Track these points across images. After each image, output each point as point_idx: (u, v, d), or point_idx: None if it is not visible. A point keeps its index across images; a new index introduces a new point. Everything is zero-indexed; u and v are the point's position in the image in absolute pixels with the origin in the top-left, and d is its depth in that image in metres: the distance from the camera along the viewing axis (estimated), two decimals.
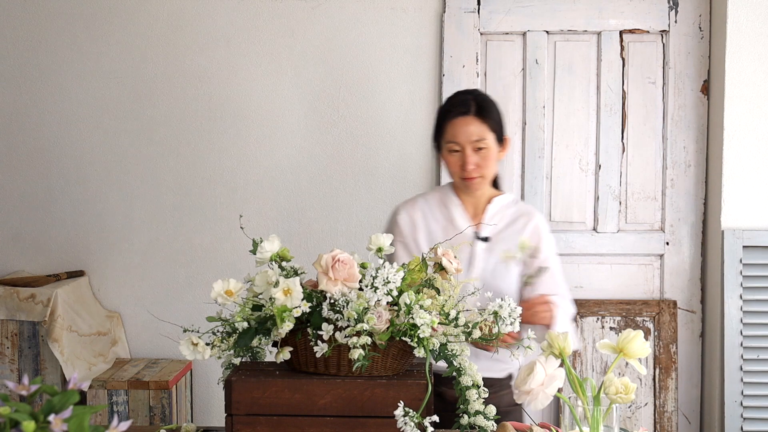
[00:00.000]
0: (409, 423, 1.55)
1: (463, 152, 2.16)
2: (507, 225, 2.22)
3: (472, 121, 2.15)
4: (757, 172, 2.94)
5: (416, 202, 2.29)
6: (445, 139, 2.19)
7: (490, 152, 2.17)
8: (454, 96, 2.26)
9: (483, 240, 2.20)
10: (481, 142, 2.15)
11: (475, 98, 2.20)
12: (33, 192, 3.18)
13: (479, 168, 2.16)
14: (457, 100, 2.22)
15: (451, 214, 2.24)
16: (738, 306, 2.92)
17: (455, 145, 2.16)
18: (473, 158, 2.15)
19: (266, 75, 3.13)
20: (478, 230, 2.21)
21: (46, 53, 3.13)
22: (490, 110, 2.19)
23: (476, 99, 2.20)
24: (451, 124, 2.17)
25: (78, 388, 1.17)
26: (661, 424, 3.07)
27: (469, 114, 2.16)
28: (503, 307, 1.69)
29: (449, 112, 2.19)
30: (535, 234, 2.21)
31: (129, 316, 3.20)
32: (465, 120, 2.15)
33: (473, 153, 2.15)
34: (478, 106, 2.17)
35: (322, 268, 1.68)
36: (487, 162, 2.17)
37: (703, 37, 3.05)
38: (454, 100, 2.23)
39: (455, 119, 2.17)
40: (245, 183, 3.15)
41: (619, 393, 1.51)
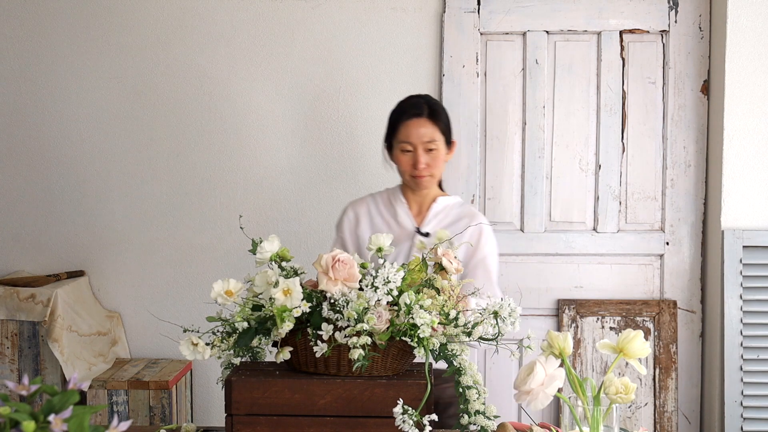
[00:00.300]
0: (408, 421, 1.55)
1: (415, 152, 2.30)
2: (449, 224, 2.34)
3: (424, 122, 2.31)
4: (757, 172, 2.94)
5: (364, 200, 2.45)
6: (398, 139, 2.33)
7: (439, 153, 2.32)
8: (407, 99, 2.41)
9: (423, 235, 2.32)
10: (432, 143, 2.31)
11: (427, 102, 2.36)
12: (33, 192, 3.18)
13: (429, 167, 2.31)
14: (410, 103, 2.37)
15: (396, 211, 2.39)
16: (738, 306, 2.92)
17: (408, 145, 2.31)
18: (424, 158, 2.30)
19: (266, 75, 3.13)
20: (419, 226, 2.35)
21: (46, 53, 3.13)
22: (441, 114, 2.35)
23: (428, 103, 2.35)
24: (405, 125, 2.32)
25: (78, 388, 1.17)
26: (661, 424, 3.07)
27: (422, 116, 2.31)
28: (503, 307, 1.70)
29: (403, 113, 2.34)
30: (475, 233, 2.31)
31: (129, 316, 3.20)
32: (418, 122, 2.31)
33: (424, 153, 2.30)
34: (430, 110, 2.33)
35: (322, 268, 1.68)
36: (436, 162, 2.32)
37: (703, 37, 3.05)
38: (408, 103, 2.38)
39: (409, 120, 2.31)
40: (245, 183, 3.15)
41: (619, 393, 1.51)
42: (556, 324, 3.11)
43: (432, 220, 2.36)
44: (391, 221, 2.37)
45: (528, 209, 3.11)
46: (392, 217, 2.38)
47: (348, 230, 2.41)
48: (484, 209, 3.11)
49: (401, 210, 2.39)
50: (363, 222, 2.40)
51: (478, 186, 3.10)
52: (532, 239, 3.11)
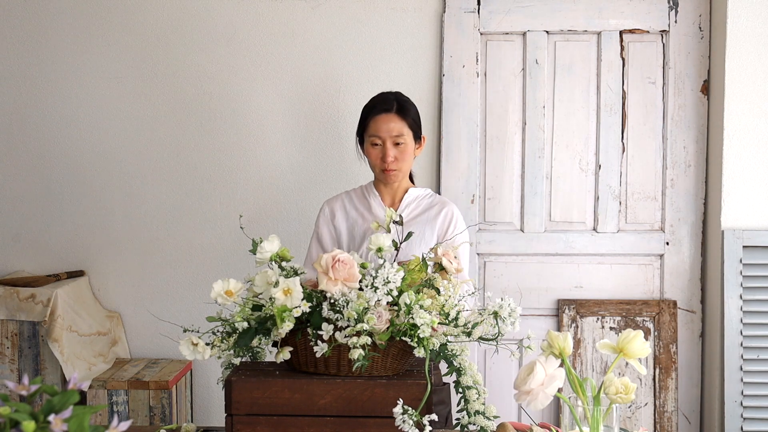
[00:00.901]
0: (408, 421, 1.55)
1: (384, 146, 2.40)
2: (421, 212, 2.46)
3: (393, 118, 2.40)
4: (757, 172, 2.94)
5: (339, 197, 2.55)
6: (368, 133, 2.43)
7: (407, 148, 2.41)
8: (377, 95, 2.50)
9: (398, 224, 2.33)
10: (400, 137, 2.39)
11: (396, 98, 2.44)
12: (33, 192, 3.18)
13: (397, 161, 2.40)
14: (380, 98, 2.47)
15: (370, 204, 2.49)
16: (738, 306, 2.92)
17: (377, 139, 2.40)
18: (392, 152, 2.39)
19: (266, 75, 3.13)
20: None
21: (46, 53, 3.13)
22: (409, 110, 2.43)
23: (398, 99, 2.44)
24: (374, 120, 2.41)
25: (78, 388, 1.17)
26: (661, 424, 3.07)
27: (391, 111, 2.40)
28: (503, 307, 1.70)
29: (373, 108, 2.43)
30: (446, 219, 2.44)
31: (129, 316, 3.20)
32: (387, 117, 2.40)
33: (392, 147, 2.39)
34: (399, 105, 2.42)
35: (322, 268, 1.68)
36: (404, 156, 2.41)
37: (703, 37, 3.05)
38: (378, 98, 2.47)
39: (378, 116, 2.41)
40: (245, 183, 3.15)
41: (619, 393, 1.51)
42: (556, 324, 3.11)
43: (404, 210, 2.46)
44: (365, 213, 2.47)
45: (528, 209, 3.11)
46: (366, 210, 2.47)
47: (324, 224, 2.50)
48: (484, 209, 3.11)
49: (375, 202, 2.48)
50: (338, 215, 2.49)
51: (478, 186, 3.10)
52: (532, 239, 3.11)
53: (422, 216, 2.45)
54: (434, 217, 2.45)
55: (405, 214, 2.44)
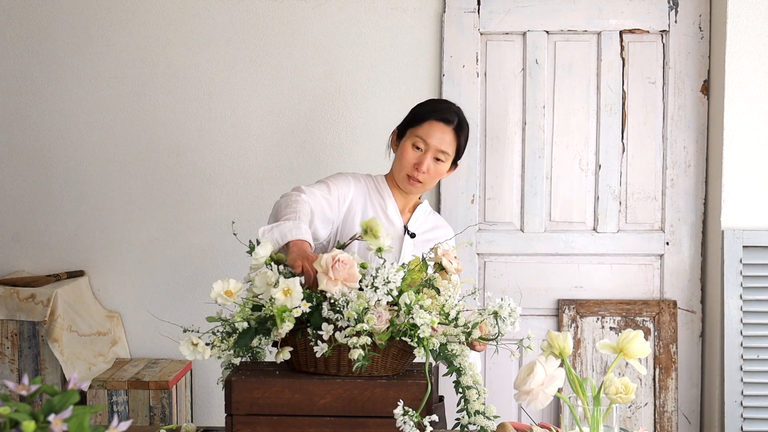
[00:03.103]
0: (409, 422, 1.55)
1: (425, 153, 2.24)
2: (429, 229, 2.35)
3: (449, 132, 2.26)
4: (757, 172, 2.95)
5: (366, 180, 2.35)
6: (416, 132, 2.26)
7: (443, 167, 2.28)
8: (443, 101, 2.37)
9: (411, 236, 2.30)
10: (444, 155, 2.25)
11: (458, 114, 2.30)
12: (33, 192, 3.18)
13: (428, 175, 2.26)
14: (445, 106, 2.32)
15: (385, 204, 2.33)
16: (738, 306, 2.92)
17: (422, 143, 2.25)
18: (429, 163, 2.24)
19: (266, 75, 3.13)
20: (407, 225, 2.33)
21: (46, 53, 3.13)
22: (465, 132, 2.31)
23: (459, 116, 2.30)
24: (431, 124, 2.25)
25: (78, 388, 1.17)
26: (661, 424, 3.07)
27: (451, 125, 2.26)
28: (503, 307, 1.70)
29: (435, 112, 2.28)
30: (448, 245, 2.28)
31: (129, 316, 3.20)
32: (444, 128, 2.25)
33: (432, 159, 2.25)
34: (459, 123, 2.28)
35: (322, 268, 1.68)
36: (436, 174, 2.28)
37: (703, 37, 3.05)
38: (443, 105, 2.33)
39: (437, 122, 2.25)
40: (245, 183, 3.15)
41: (619, 393, 1.51)
42: (556, 324, 3.11)
43: (414, 222, 2.34)
44: (380, 213, 2.30)
45: (528, 209, 3.11)
46: (381, 209, 2.31)
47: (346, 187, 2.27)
48: (484, 209, 3.11)
49: (390, 205, 2.33)
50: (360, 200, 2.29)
51: (478, 186, 3.10)
52: (532, 239, 3.11)
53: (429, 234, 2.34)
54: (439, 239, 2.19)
55: (417, 226, 2.34)
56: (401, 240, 2.29)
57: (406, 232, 2.30)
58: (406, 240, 2.28)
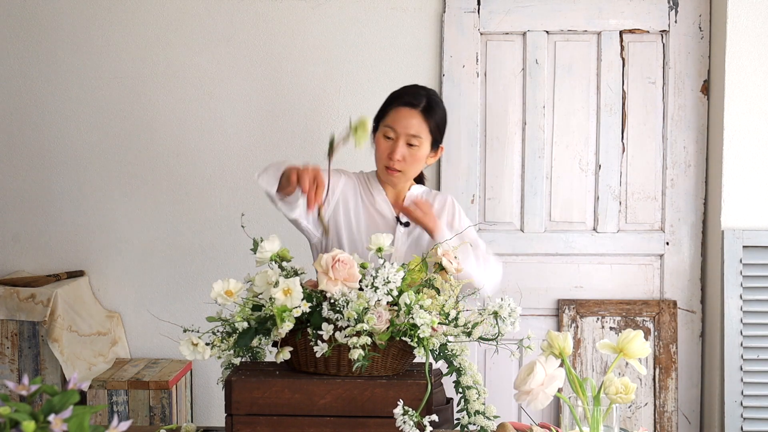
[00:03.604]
0: (408, 422, 1.55)
1: (396, 141, 2.18)
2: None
3: (416, 115, 2.17)
4: (757, 172, 2.95)
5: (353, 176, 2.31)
6: (384, 122, 2.21)
7: (419, 151, 2.19)
8: (410, 86, 2.29)
9: (404, 225, 2.25)
10: (415, 139, 2.17)
11: (427, 95, 2.22)
12: (33, 192, 3.18)
13: (403, 162, 2.18)
14: (410, 90, 2.25)
15: (374, 198, 2.27)
16: (738, 306, 2.92)
17: (391, 131, 2.19)
18: (402, 150, 2.17)
19: (266, 75, 3.13)
20: (399, 216, 2.25)
21: (46, 53, 3.13)
22: (436, 112, 2.21)
23: (428, 97, 2.22)
24: (395, 111, 2.19)
25: (78, 388, 1.17)
26: (661, 424, 3.07)
27: (417, 108, 2.18)
28: (503, 307, 1.70)
29: (399, 98, 2.22)
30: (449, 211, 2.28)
31: (129, 316, 3.20)
32: (410, 112, 2.18)
33: (404, 146, 2.17)
34: (428, 105, 2.19)
35: (322, 268, 1.68)
36: (414, 160, 2.19)
37: (703, 37, 3.05)
38: (409, 89, 2.26)
39: (401, 108, 2.19)
40: (245, 183, 3.15)
41: (619, 393, 1.51)
42: (556, 324, 3.11)
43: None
44: (369, 208, 2.26)
45: (528, 209, 3.11)
46: (370, 203, 2.27)
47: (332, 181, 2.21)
48: (484, 209, 3.11)
49: (379, 197, 2.27)
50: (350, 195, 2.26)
51: (478, 186, 3.10)
52: (532, 239, 3.11)
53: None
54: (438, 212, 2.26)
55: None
56: (394, 230, 2.24)
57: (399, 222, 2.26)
58: (398, 230, 2.24)
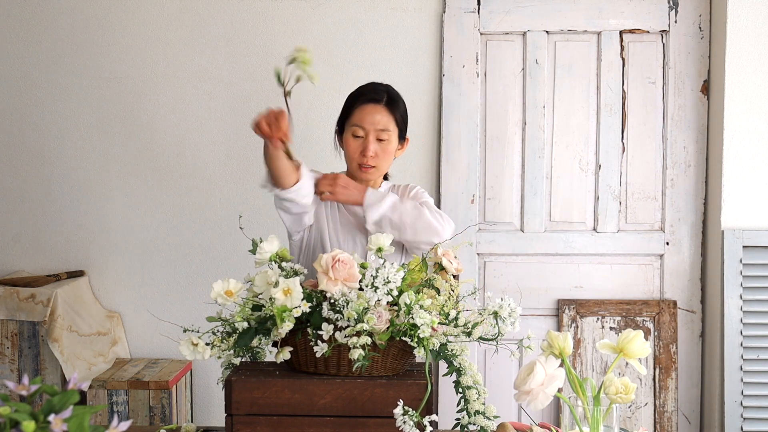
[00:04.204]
0: (409, 422, 1.55)
1: (366, 138, 2.21)
2: None
3: (381, 110, 2.21)
4: (757, 172, 2.95)
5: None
6: (351, 122, 2.23)
7: (390, 145, 2.23)
8: (368, 84, 2.31)
9: None
10: (385, 133, 2.21)
11: (387, 90, 2.26)
12: (33, 192, 3.18)
13: (376, 158, 2.21)
14: (370, 87, 2.28)
15: None
16: (738, 306, 2.92)
17: (360, 130, 2.21)
18: (374, 146, 2.20)
19: (266, 75, 3.13)
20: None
21: (46, 53, 3.13)
22: (399, 105, 2.26)
23: (389, 91, 2.26)
24: (360, 109, 2.22)
25: (78, 388, 1.17)
26: (661, 424, 3.07)
27: (380, 103, 2.22)
28: (503, 307, 1.70)
29: (361, 96, 2.25)
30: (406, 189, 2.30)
31: (129, 316, 3.20)
32: (374, 108, 2.21)
33: (375, 141, 2.20)
34: (390, 98, 2.24)
35: (322, 268, 1.68)
36: (385, 154, 2.22)
37: (703, 37, 3.05)
38: (368, 87, 2.29)
39: (365, 105, 2.22)
40: (245, 183, 3.15)
41: (619, 393, 1.51)
42: (556, 324, 3.11)
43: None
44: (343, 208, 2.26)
45: (528, 209, 3.11)
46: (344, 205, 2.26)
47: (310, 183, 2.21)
48: (484, 209, 3.11)
49: None
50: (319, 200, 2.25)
51: (478, 186, 3.10)
52: (532, 239, 3.11)
53: None
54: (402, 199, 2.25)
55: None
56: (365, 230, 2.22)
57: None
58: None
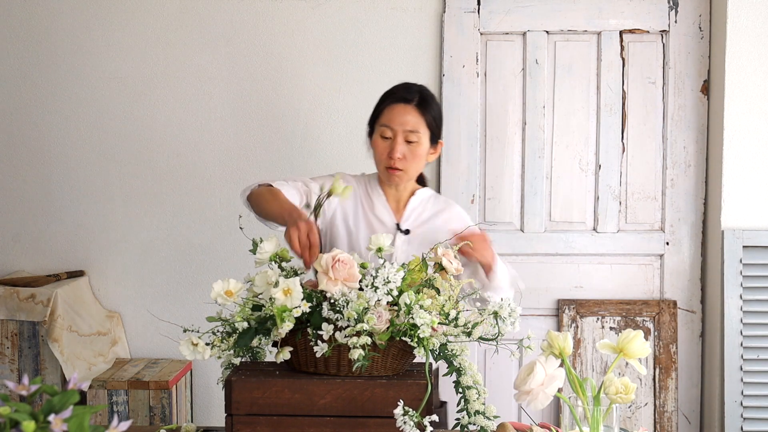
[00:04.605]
0: (409, 422, 1.55)
1: (394, 139, 2.12)
2: (427, 219, 2.21)
3: (411, 110, 2.13)
4: (757, 172, 2.95)
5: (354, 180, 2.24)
6: (380, 122, 2.16)
7: (419, 148, 2.14)
8: (401, 84, 2.25)
9: (404, 233, 2.18)
10: (414, 134, 2.12)
11: (420, 91, 2.19)
12: (33, 192, 3.18)
13: (404, 160, 2.12)
14: (402, 87, 2.21)
15: (373, 203, 2.21)
16: (738, 306, 2.92)
17: (388, 131, 2.13)
18: (402, 148, 2.12)
19: (266, 75, 3.13)
20: (399, 223, 2.20)
21: (46, 53, 3.13)
22: (432, 106, 2.17)
23: (421, 92, 2.18)
24: (389, 109, 2.15)
25: (78, 388, 1.17)
26: (661, 424, 3.07)
27: (411, 103, 2.14)
28: (503, 307, 1.70)
29: (392, 95, 2.18)
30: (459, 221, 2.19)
31: (129, 316, 3.20)
32: (405, 108, 2.14)
33: (403, 143, 2.12)
34: (421, 99, 2.16)
35: (322, 268, 1.68)
36: (414, 157, 2.13)
37: (703, 37, 3.05)
38: (400, 86, 2.22)
39: (395, 105, 2.15)
40: (245, 183, 3.14)
41: (619, 393, 1.51)
42: (556, 324, 3.11)
43: (410, 215, 2.20)
44: (368, 211, 2.20)
45: (528, 209, 3.11)
46: (369, 208, 2.20)
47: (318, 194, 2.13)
48: (484, 209, 3.11)
49: (378, 202, 2.20)
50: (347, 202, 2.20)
51: (478, 186, 3.10)
52: (532, 239, 3.11)
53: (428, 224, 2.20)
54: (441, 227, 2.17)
55: (411, 220, 2.20)
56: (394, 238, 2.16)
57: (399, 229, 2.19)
58: (398, 237, 2.17)
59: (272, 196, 2.07)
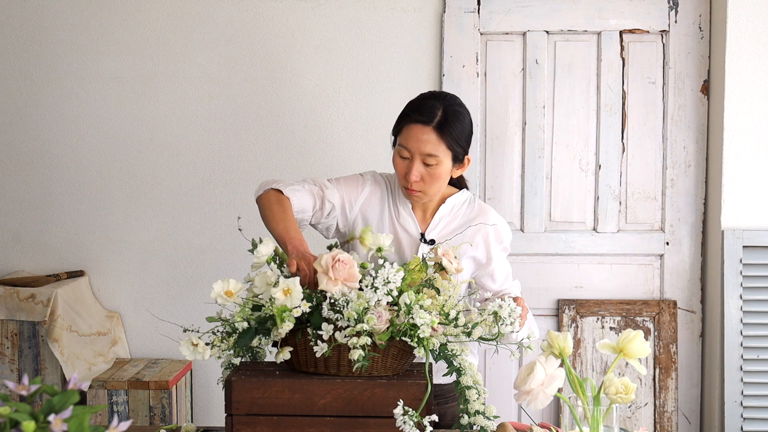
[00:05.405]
0: (408, 422, 1.55)
1: (411, 161, 1.99)
2: (455, 229, 2.10)
3: (428, 132, 1.97)
4: (757, 172, 2.95)
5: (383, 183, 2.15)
6: (400, 141, 2.03)
7: (439, 170, 2.00)
8: (426, 95, 2.07)
9: (429, 243, 2.09)
10: (432, 158, 1.98)
11: (444, 108, 2.00)
12: (33, 192, 3.18)
13: (422, 182, 2.00)
14: (424, 103, 2.02)
15: (398, 212, 2.12)
16: (738, 306, 2.92)
17: (405, 151, 2.00)
18: (419, 170, 1.99)
19: (266, 75, 3.13)
20: (424, 233, 2.10)
21: (46, 53, 3.13)
22: (453, 127, 1.99)
23: (445, 110, 2.00)
24: (407, 129, 2.00)
25: (78, 388, 1.17)
26: (661, 424, 3.07)
27: (429, 125, 1.98)
28: (503, 307, 1.70)
29: (411, 114, 2.01)
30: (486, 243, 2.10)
31: (129, 316, 3.20)
32: (422, 130, 1.98)
33: (420, 165, 1.99)
34: (443, 119, 1.98)
35: (322, 267, 1.68)
36: (433, 179, 2.00)
37: (703, 37, 3.05)
38: (422, 102, 2.03)
39: (413, 125, 1.99)
40: (245, 183, 3.15)
41: (619, 393, 1.51)
42: (556, 324, 3.11)
43: (437, 224, 2.10)
44: (395, 221, 2.11)
45: (528, 209, 3.11)
46: (395, 217, 2.11)
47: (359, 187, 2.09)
48: None
49: (404, 211, 2.11)
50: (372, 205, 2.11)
51: (478, 186, 3.10)
52: (532, 239, 3.11)
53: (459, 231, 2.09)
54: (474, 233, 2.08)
55: (439, 229, 2.10)
56: (418, 247, 2.09)
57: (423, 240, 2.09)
58: (422, 248, 2.07)
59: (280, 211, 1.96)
